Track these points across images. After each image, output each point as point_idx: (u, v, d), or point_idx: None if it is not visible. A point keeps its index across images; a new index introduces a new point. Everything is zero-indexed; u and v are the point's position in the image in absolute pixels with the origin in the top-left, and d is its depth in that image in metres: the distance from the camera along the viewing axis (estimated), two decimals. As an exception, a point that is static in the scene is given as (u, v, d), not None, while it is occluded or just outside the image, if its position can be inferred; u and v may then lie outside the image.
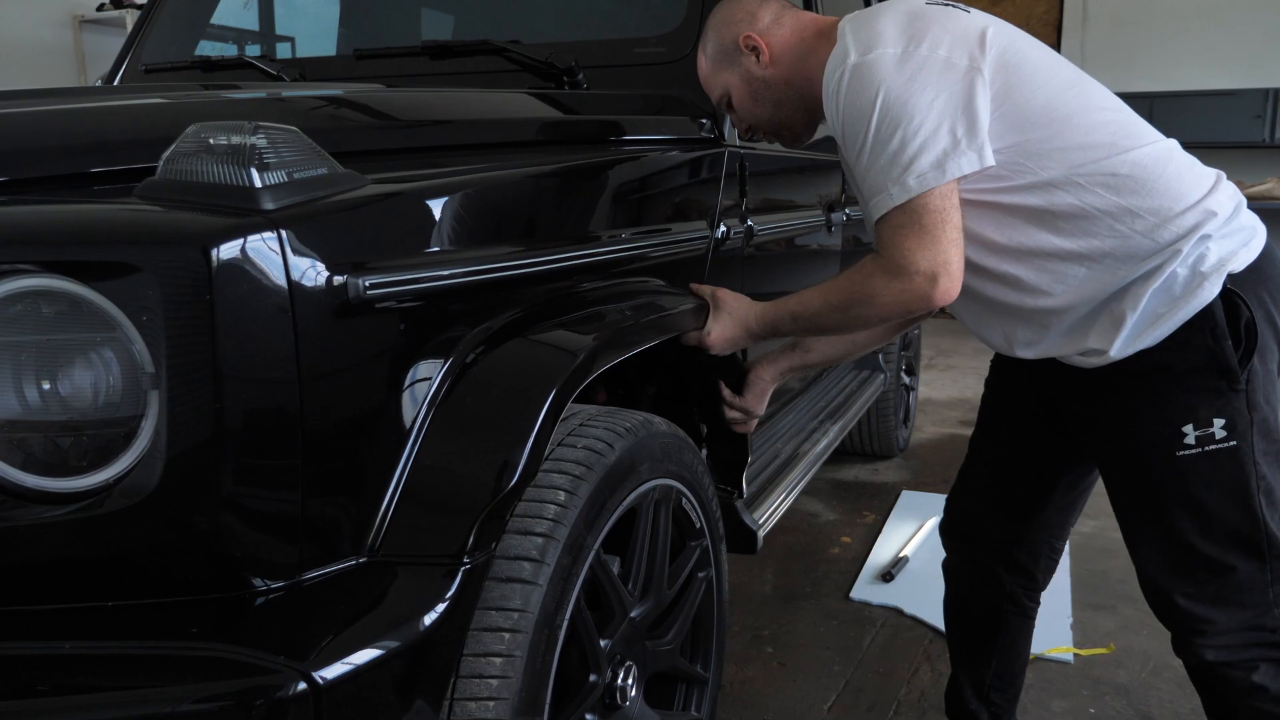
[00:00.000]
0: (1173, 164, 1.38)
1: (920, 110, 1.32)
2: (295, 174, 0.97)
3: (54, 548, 0.93)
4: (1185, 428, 1.38)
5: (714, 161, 1.82)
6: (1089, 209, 1.36)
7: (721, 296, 1.62)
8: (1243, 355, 1.37)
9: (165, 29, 2.42)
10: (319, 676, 0.90)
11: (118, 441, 0.93)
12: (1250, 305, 1.36)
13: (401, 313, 1.06)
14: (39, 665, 0.90)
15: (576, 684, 1.30)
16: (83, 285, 0.90)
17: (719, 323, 1.60)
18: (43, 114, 1.29)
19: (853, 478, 3.69)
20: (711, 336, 1.60)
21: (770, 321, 1.57)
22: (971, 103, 1.33)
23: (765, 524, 2.00)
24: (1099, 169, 1.36)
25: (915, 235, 1.33)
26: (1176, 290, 1.35)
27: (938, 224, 1.33)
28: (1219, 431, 1.38)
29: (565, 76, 1.85)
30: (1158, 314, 1.36)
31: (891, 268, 1.36)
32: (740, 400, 1.78)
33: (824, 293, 1.49)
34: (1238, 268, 1.36)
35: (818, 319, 1.51)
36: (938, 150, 1.32)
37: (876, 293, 1.39)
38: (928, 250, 1.33)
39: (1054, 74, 1.39)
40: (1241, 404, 1.38)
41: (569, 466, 1.22)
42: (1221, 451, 1.39)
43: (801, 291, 1.54)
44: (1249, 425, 1.38)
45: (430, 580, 1.03)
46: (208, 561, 0.95)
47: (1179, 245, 1.34)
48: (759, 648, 2.41)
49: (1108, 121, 1.39)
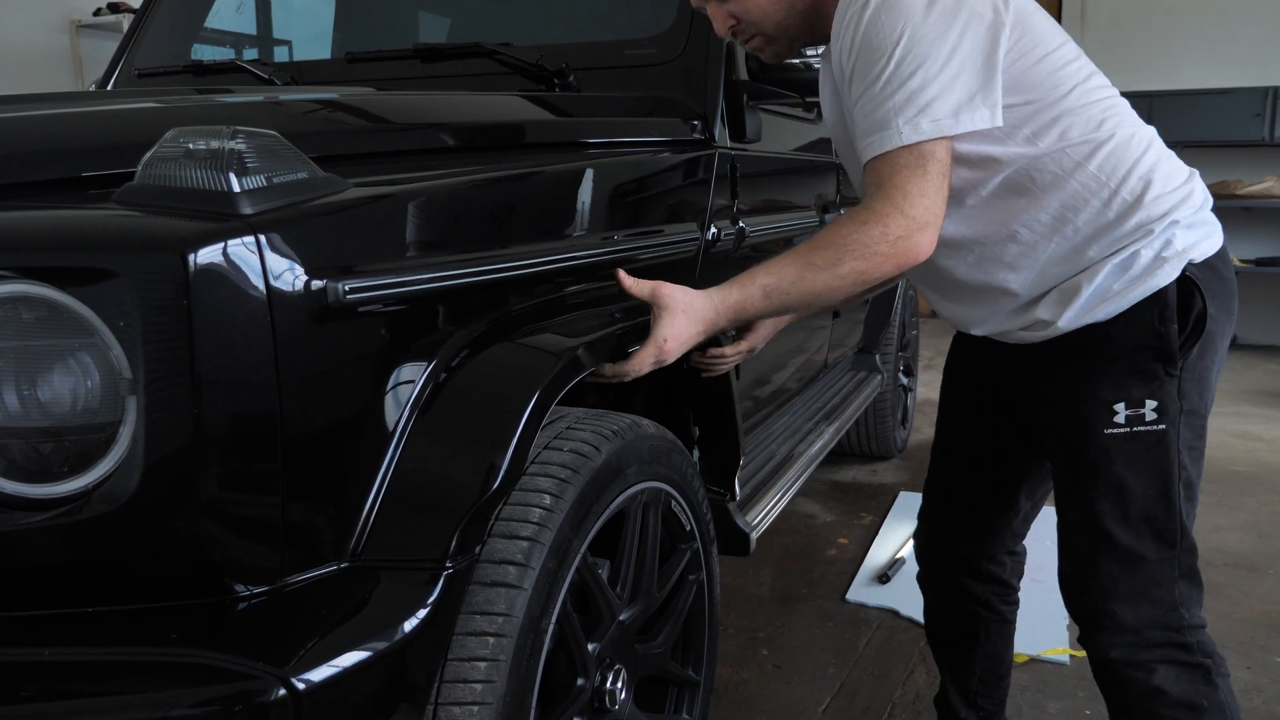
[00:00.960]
0: (1154, 149, 1.39)
1: (944, 54, 1.27)
2: (275, 178, 0.97)
3: (34, 553, 0.93)
4: (1117, 405, 1.38)
5: (705, 163, 1.82)
6: (1072, 183, 1.35)
7: (665, 294, 1.36)
8: (1184, 343, 1.37)
9: (159, 34, 2.42)
10: (298, 682, 0.90)
11: (97, 447, 0.93)
12: (1204, 296, 1.37)
13: (382, 317, 1.05)
14: (18, 672, 0.90)
15: (565, 688, 1.29)
16: (60, 291, 0.89)
17: (670, 324, 1.35)
18: (31, 119, 1.29)
19: (850, 479, 3.69)
20: (667, 345, 1.34)
21: (735, 305, 1.37)
22: (993, 55, 1.29)
23: (759, 526, 1.99)
24: (1089, 145, 1.35)
25: (919, 179, 1.28)
26: (1136, 270, 1.34)
27: (939, 175, 1.29)
28: (1149, 413, 1.37)
29: (556, 79, 1.85)
30: (1112, 290, 1.35)
31: (888, 209, 1.28)
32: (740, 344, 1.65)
33: (803, 254, 1.34)
34: (1198, 258, 1.36)
35: (799, 286, 1.34)
36: (955, 98, 1.28)
37: (873, 239, 1.29)
38: (927, 198, 1.28)
39: (1060, 44, 1.38)
40: (1174, 390, 1.38)
41: (555, 470, 1.22)
42: (1149, 434, 1.38)
43: (769, 261, 1.37)
44: (1178, 412, 1.38)
45: (413, 585, 1.03)
46: (188, 567, 0.95)
47: (1151, 226, 1.34)
48: (754, 650, 2.40)
49: (1102, 99, 1.38)
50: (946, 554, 1.75)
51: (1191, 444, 1.41)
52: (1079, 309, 1.37)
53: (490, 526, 1.14)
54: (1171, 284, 1.34)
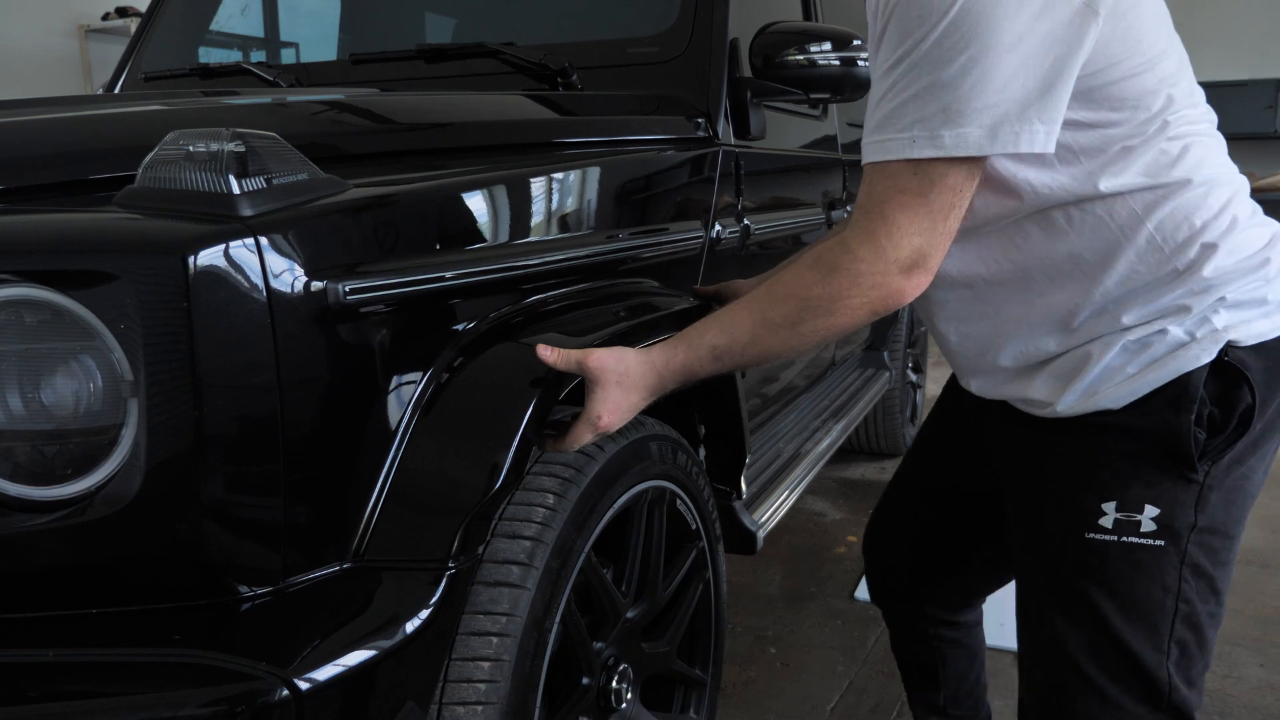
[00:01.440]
0: (1233, 207, 1.11)
1: (1006, 41, 0.96)
2: (274, 180, 0.97)
3: (39, 555, 0.94)
4: (1107, 504, 1.10)
5: (709, 161, 1.82)
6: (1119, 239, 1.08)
7: (594, 364, 1.15)
8: (1220, 444, 1.09)
9: (165, 37, 2.43)
10: (301, 683, 0.90)
11: (100, 450, 0.93)
12: (1256, 389, 1.08)
13: (383, 317, 1.06)
14: (23, 672, 0.90)
15: (570, 687, 1.29)
16: (62, 294, 0.90)
17: (603, 398, 1.15)
18: (37, 123, 1.29)
19: (859, 476, 3.68)
20: (604, 420, 1.15)
21: (682, 368, 1.16)
22: (1071, 55, 0.99)
23: (766, 524, 1.99)
24: (1155, 194, 1.07)
25: (914, 210, 1.02)
26: (1157, 351, 1.08)
27: (944, 207, 1.02)
28: (1147, 522, 1.09)
29: (559, 77, 1.84)
30: (1125, 374, 1.09)
31: (865, 249, 1.04)
32: None
33: (758, 309, 1.12)
34: (1248, 340, 1.08)
35: (753, 347, 1.13)
36: (1001, 108, 0.98)
37: (840, 292, 1.06)
38: (918, 235, 1.02)
39: (1162, 50, 1.08)
40: (1189, 499, 1.09)
41: (558, 469, 1.22)
42: (1143, 550, 1.10)
43: (719, 314, 1.17)
44: (1189, 529, 1.09)
45: (415, 585, 1.03)
46: (191, 568, 0.95)
47: (1191, 303, 1.08)
48: (763, 648, 2.40)
49: (1189, 132, 1.09)
50: (901, 597, 1.59)
51: (1204, 570, 1.11)
52: (1081, 391, 1.11)
53: (493, 526, 1.14)
54: (1200, 370, 1.07)
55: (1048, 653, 1.18)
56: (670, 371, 1.17)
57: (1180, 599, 1.11)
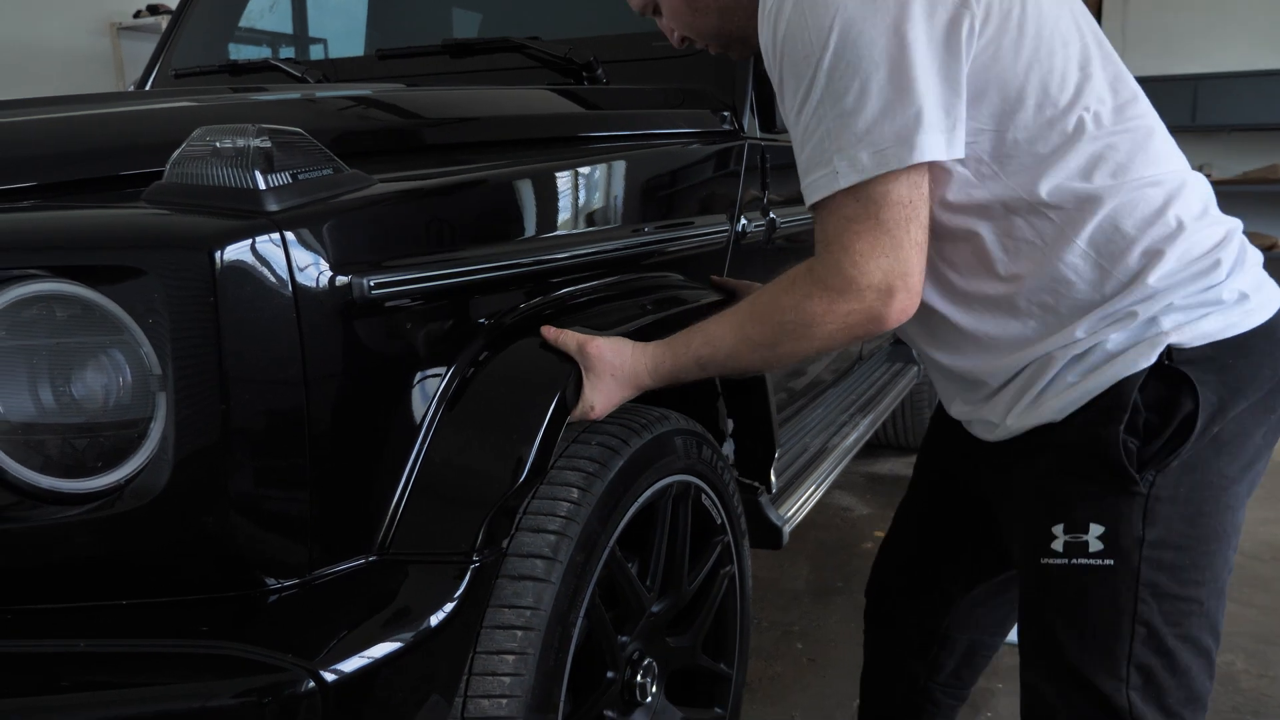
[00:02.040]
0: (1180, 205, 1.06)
1: (888, 56, 0.97)
2: (300, 175, 0.97)
3: (69, 547, 0.95)
4: (1055, 527, 1.08)
5: (735, 154, 1.81)
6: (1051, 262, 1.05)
7: (594, 352, 1.16)
8: (1159, 451, 1.05)
9: (195, 34, 2.46)
10: (328, 674, 0.91)
11: (129, 443, 0.94)
12: (1203, 392, 1.03)
13: (408, 312, 1.06)
14: (54, 663, 0.91)
15: (595, 680, 1.30)
16: (91, 289, 0.91)
17: (598, 388, 1.18)
18: (69, 119, 1.31)
19: (887, 471, 3.66)
20: (594, 411, 1.18)
21: (669, 374, 1.19)
22: (954, 59, 0.99)
23: (792, 519, 1.98)
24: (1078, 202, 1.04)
25: (870, 235, 1.01)
26: (1098, 357, 1.06)
27: (900, 221, 1.01)
28: (1094, 541, 1.06)
29: (585, 71, 1.84)
30: (1065, 383, 1.08)
31: (836, 281, 1.04)
32: None
33: (740, 325, 1.14)
34: (1196, 340, 1.04)
35: (735, 360, 1.16)
36: (905, 117, 0.98)
37: (815, 319, 1.06)
38: (885, 256, 1.01)
39: (1064, 37, 1.06)
40: (1133, 513, 1.05)
41: (582, 463, 1.22)
42: (1091, 570, 1.06)
43: (706, 324, 1.19)
44: (1135, 544, 1.05)
45: (440, 578, 1.03)
46: (218, 560, 0.96)
47: (1136, 309, 1.04)
48: (788, 643, 2.39)
49: (1124, 130, 1.06)
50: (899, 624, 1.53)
51: (1164, 590, 1.06)
52: (1027, 405, 1.10)
53: (518, 520, 1.14)
54: (1135, 375, 1.04)
55: (1025, 680, 1.18)
56: (659, 374, 1.20)
57: (1137, 621, 1.06)
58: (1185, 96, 5.81)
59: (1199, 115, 5.84)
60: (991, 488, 1.24)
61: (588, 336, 1.18)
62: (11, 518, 0.93)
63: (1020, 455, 1.14)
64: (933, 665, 1.50)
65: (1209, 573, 1.08)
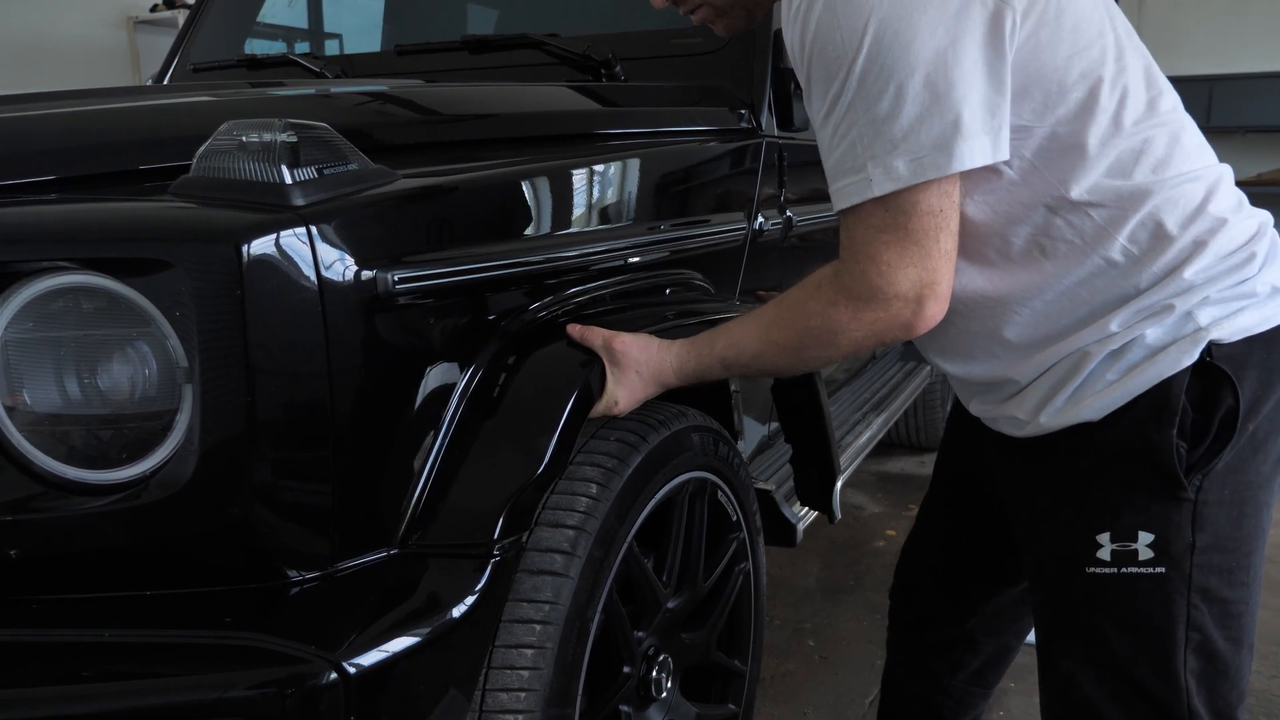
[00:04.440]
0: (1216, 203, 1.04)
1: (926, 57, 0.93)
2: (325, 170, 0.98)
3: (94, 538, 0.96)
4: (1101, 535, 1.05)
5: (752, 152, 1.81)
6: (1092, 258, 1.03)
7: (620, 348, 1.17)
8: (1204, 455, 1.03)
9: (213, 29, 2.46)
10: (349, 666, 0.92)
11: (155, 434, 0.95)
12: (1242, 389, 1.01)
13: (431, 307, 1.07)
14: (79, 652, 0.92)
15: (611, 675, 1.30)
16: (118, 281, 0.91)
17: (624, 384, 1.18)
18: (90, 113, 1.32)
19: (899, 470, 3.66)
20: (619, 407, 1.18)
21: (694, 374, 1.19)
22: (998, 58, 0.95)
23: (806, 517, 1.98)
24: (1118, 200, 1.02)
25: (898, 245, 0.99)
26: (1135, 355, 1.02)
27: (930, 231, 0.99)
28: (1143, 550, 1.03)
29: (603, 69, 1.85)
30: (1105, 380, 1.04)
31: (861, 290, 1.02)
32: None
33: (765, 328, 1.13)
34: (1234, 335, 1.02)
35: (759, 363, 1.14)
36: (944, 123, 0.94)
37: (840, 326, 1.05)
38: (913, 266, 0.99)
39: (1099, 28, 1.03)
40: (1183, 519, 1.03)
41: (601, 459, 1.22)
42: (1142, 579, 1.04)
43: (730, 326, 1.18)
44: (1188, 551, 1.03)
45: (461, 571, 1.04)
46: (242, 552, 0.97)
47: (1173, 302, 1.02)
48: (800, 641, 2.39)
49: (1159, 124, 1.04)
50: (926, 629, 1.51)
51: (1215, 594, 1.05)
52: (1064, 401, 1.06)
53: (537, 515, 1.14)
54: (1180, 374, 1.01)
55: (1063, 696, 1.14)
56: (684, 373, 1.20)
57: (1190, 627, 1.05)
58: (1200, 97, 5.79)
59: (1214, 116, 5.81)
60: (1013, 485, 1.21)
61: (614, 333, 1.18)
62: (38, 508, 0.94)
63: (1053, 453, 1.10)
64: (956, 665, 1.49)
65: (1253, 571, 1.08)
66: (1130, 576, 1.05)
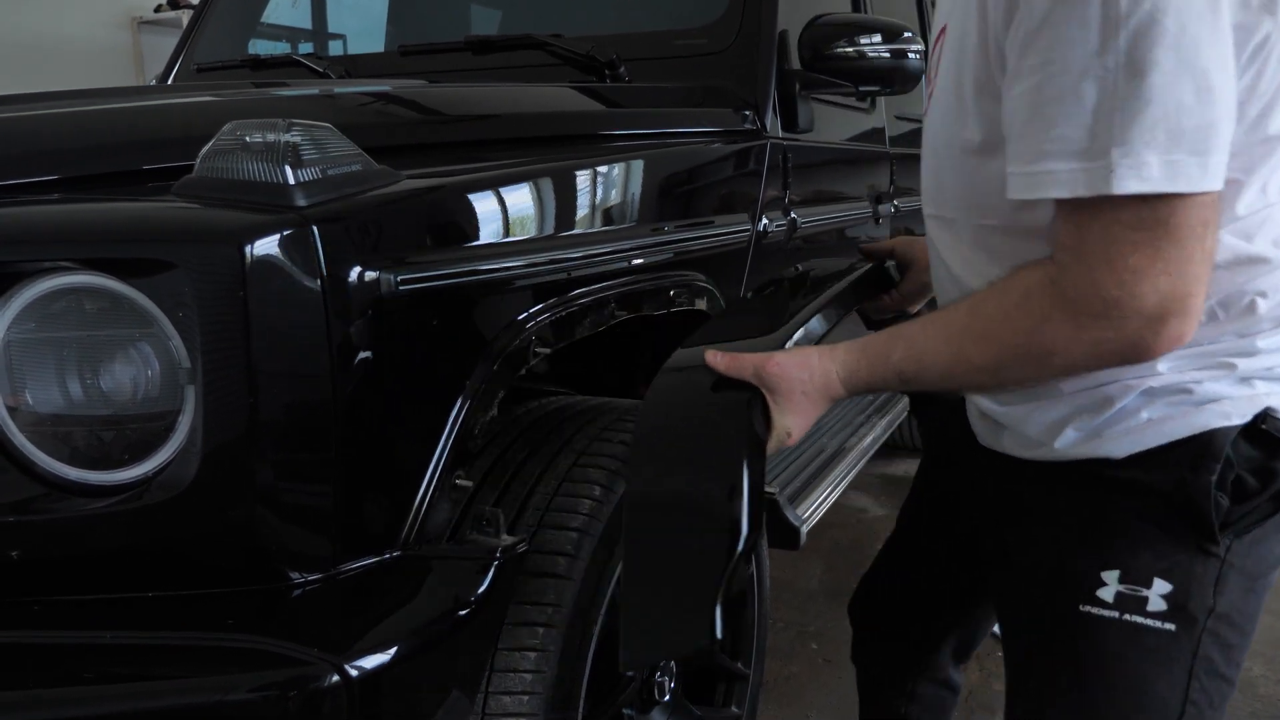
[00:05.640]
0: None
1: (1210, 36, 0.78)
2: (329, 170, 0.97)
3: (96, 539, 0.95)
4: (1108, 573, 0.93)
5: (757, 154, 1.81)
6: None
7: (774, 373, 1.00)
8: (1247, 516, 0.93)
9: (217, 29, 2.46)
10: (352, 669, 0.91)
11: (157, 435, 0.94)
12: None
13: (435, 308, 1.06)
14: (81, 654, 0.92)
15: (614, 678, 1.30)
16: (121, 282, 0.91)
17: (791, 411, 1.01)
18: (94, 113, 1.31)
19: (903, 472, 3.65)
20: (794, 435, 1.03)
21: (864, 382, 1.01)
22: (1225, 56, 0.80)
23: (809, 520, 1.98)
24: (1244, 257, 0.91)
25: (1151, 247, 0.81)
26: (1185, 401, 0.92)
27: (1193, 239, 0.81)
28: (1156, 599, 0.92)
29: (607, 69, 1.84)
30: (1140, 419, 0.93)
31: (1091, 303, 0.83)
32: None
33: (955, 341, 0.93)
34: None
35: (947, 382, 0.97)
36: (1220, 131, 0.79)
37: (1057, 346, 0.86)
38: (1165, 275, 0.81)
39: None
40: (1207, 577, 0.92)
41: (605, 461, 1.22)
42: (1147, 634, 0.93)
43: (909, 332, 0.99)
44: (1206, 613, 0.92)
45: (464, 574, 1.03)
46: (244, 554, 0.96)
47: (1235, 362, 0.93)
48: (804, 644, 2.39)
49: None
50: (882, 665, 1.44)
51: (1216, 669, 0.94)
52: (1086, 431, 0.96)
53: (540, 518, 1.14)
54: (1228, 429, 0.91)
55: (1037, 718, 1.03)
56: (853, 384, 1.01)
57: (1188, 701, 0.93)
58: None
59: None
60: (1004, 501, 1.08)
61: (763, 355, 1.01)
62: (40, 510, 0.94)
63: (1060, 480, 0.99)
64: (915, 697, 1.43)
65: (1245, 654, 0.99)
66: (1133, 626, 0.93)
